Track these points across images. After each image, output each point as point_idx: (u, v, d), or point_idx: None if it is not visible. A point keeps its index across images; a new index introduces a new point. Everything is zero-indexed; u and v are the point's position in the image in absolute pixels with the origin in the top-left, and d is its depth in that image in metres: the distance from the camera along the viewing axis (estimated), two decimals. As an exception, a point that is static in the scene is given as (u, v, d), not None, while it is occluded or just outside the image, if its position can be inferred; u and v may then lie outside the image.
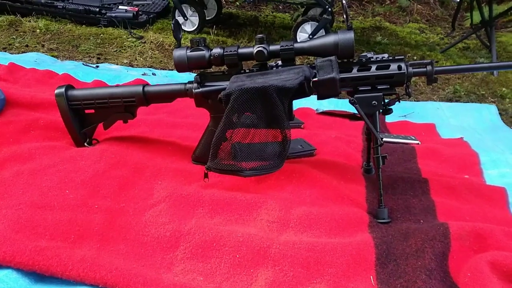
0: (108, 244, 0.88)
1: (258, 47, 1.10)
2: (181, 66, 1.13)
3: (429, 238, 0.94)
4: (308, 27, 2.53)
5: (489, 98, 2.22)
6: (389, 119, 1.74)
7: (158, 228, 0.93)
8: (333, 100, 1.97)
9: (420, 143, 1.53)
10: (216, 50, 1.12)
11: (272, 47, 1.11)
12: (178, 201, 1.02)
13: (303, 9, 2.89)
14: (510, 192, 1.22)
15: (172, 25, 1.08)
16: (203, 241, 0.90)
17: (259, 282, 0.83)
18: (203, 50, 1.12)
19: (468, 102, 2.16)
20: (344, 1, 1.17)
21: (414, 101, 2.13)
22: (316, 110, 1.76)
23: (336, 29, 1.96)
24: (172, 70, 2.37)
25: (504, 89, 2.27)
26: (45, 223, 0.88)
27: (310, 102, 1.88)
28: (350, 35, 1.05)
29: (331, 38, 1.07)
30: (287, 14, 3.34)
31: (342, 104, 1.92)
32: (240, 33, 2.85)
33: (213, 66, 1.16)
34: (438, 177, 1.25)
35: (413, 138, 1.56)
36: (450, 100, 2.19)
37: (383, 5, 3.42)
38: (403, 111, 1.92)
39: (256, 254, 0.88)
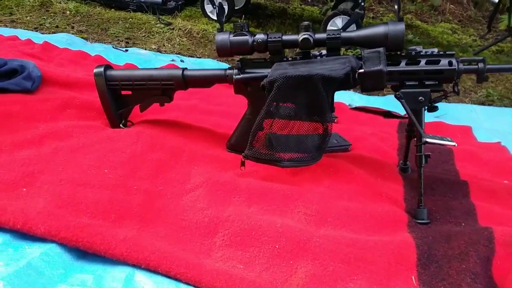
0: (147, 226, 0.88)
1: (304, 34, 1.07)
2: (223, 50, 1.11)
3: (473, 241, 0.91)
4: (339, 21, 2.48)
5: (523, 103, 2.15)
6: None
7: (196, 213, 0.92)
8: (364, 96, 1.94)
9: (456, 145, 1.49)
10: (260, 36, 1.10)
11: (318, 35, 1.08)
12: (215, 188, 1.01)
13: (332, 3, 2.84)
14: (552, 199, 1.17)
15: (217, 8, 1.06)
16: (241, 229, 0.89)
17: (298, 274, 0.81)
18: (247, 35, 1.10)
19: (501, 106, 2.10)
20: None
21: (446, 102, 2.08)
22: (349, 105, 1.72)
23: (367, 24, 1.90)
24: (200, 58, 2.35)
25: (539, 94, 2.20)
26: (86, 201, 0.87)
27: (341, 96, 1.84)
28: (401, 26, 1.02)
29: (381, 29, 1.03)
30: (315, 7, 3.29)
31: (374, 101, 1.88)
32: (268, 24, 2.81)
33: (255, 53, 1.14)
34: (477, 180, 1.21)
35: (450, 139, 1.51)
36: (483, 104, 2.13)
37: (415, 3, 3.34)
38: (436, 112, 1.87)
39: (295, 246, 0.86)
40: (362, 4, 2.40)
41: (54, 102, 1.27)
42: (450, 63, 1.03)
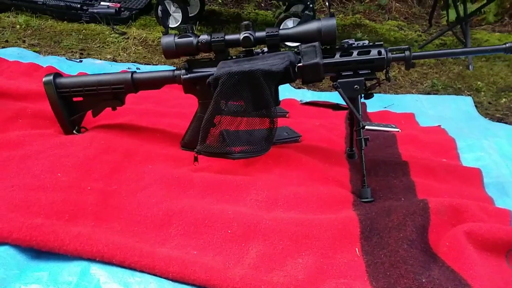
0: (102, 222, 0.90)
1: (245, 33, 1.13)
2: (170, 52, 1.16)
3: (410, 212, 1.00)
4: (290, 23, 2.58)
5: (465, 91, 2.30)
6: (370, 109, 1.80)
7: (150, 208, 0.95)
8: (315, 92, 2.03)
9: (400, 130, 1.60)
10: (204, 37, 1.15)
11: (258, 34, 1.15)
12: (169, 183, 1.05)
13: (285, 6, 2.94)
14: (485, 173, 1.28)
15: (160, 12, 1.11)
16: (195, 219, 0.93)
17: (250, 254, 0.87)
18: (191, 37, 1.15)
19: (446, 95, 2.24)
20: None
21: (394, 94, 2.20)
22: (300, 101, 1.80)
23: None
24: (156, 65, 2.38)
25: (479, 82, 2.36)
26: (39, 203, 0.89)
27: (294, 94, 1.93)
28: (333, 21, 1.10)
29: (314, 25, 1.11)
30: (269, 11, 3.39)
31: (325, 96, 1.97)
32: (223, 30, 2.87)
33: (200, 53, 1.19)
34: (417, 160, 1.31)
35: (394, 126, 1.63)
36: (428, 94, 2.27)
37: (363, 3, 3.50)
38: (384, 103, 1.98)
39: (246, 229, 0.92)
40: (312, 6, 2.51)
41: (4, 114, 1.27)
42: (379, 53, 1.12)
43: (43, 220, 0.84)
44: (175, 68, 1.22)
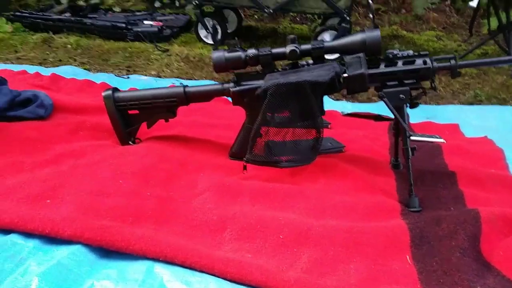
0: (162, 226, 0.96)
1: (291, 46, 1.18)
2: (219, 66, 1.22)
3: (461, 221, 0.99)
4: (327, 36, 2.61)
5: (510, 101, 2.24)
6: (413, 120, 1.79)
7: (205, 213, 1.00)
8: (355, 104, 2.05)
9: (445, 141, 1.58)
10: (251, 51, 1.21)
11: (303, 46, 1.19)
12: (221, 191, 1.10)
13: (320, 20, 2.99)
14: (536, 183, 1.25)
15: (211, 28, 1.17)
16: (248, 224, 0.97)
17: (302, 259, 0.89)
18: (239, 51, 1.21)
19: (490, 105, 2.19)
20: (370, 1, 1.24)
21: (436, 104, 2.18)
22: (342, 112, 1.82)
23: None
24: (197, 80, 2.47)
25: (525, 92, 2.29)
26: (104, 207, 0.96)
27: (334, 105, 1.95)
28: (377, 32, 1.13)
29: (358, 36, 1.15)
30: (304, 25, 3.44)
31: (365, 107, 1.98)
32: (261, 45, 2.95)
33: (248, 66, 1.25)
34: (465, 170, 1.30)
35: (438, 136, 1.61)
36: (471, 104, 2.22)
37: (399, 14, 3.49)
38: (426, 114, 1.96)
39: (298, 235, 0.95)
40: (348, 19, 2.54)
41: (66, 126, 1.37)
42: (424, 62, 1.13)
43: (110, 223, 0.91)
44: (224, 82, 1.28)
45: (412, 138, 1.17)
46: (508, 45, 2.48)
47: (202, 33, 2.80)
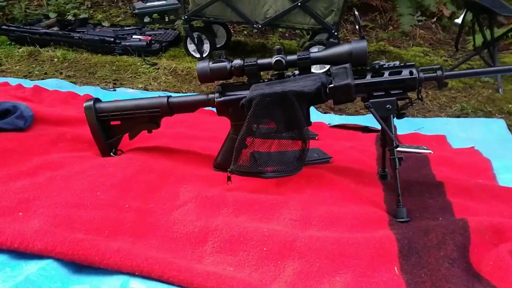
0: (140, 239, 0.92)
1: (277, 57, 1.17)
2: (204, 77, 1.20)
3: (449, 231, 0.97)
4: (315, 51, 2.63)
5: (496, 114, 2.26)
6: (400, 131, 1.79)
7: (186, 225, 0.97)
8: (343, 116, 2.04)
9: (432, 152, 1.57)
10: (237, 61, 1.19)
11: (289, 57, 1.18)
12: (204, 202, 1.06)
13: (309, 36, 3.01)
14: (525, 193, 1.24)
15: (195, 39, 1.15)
16: (230, 236, 0.93)
17: (287, 272, 0.86)
18: (225, 62, 1.19)
19: (475, 118, 2.20)
20: (356, 12, 1.24)
21: (423, 117, 2.18)
22: (329, 124, 1.81)
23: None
24: (185, 93, 2.45)
25: (510, 105, 2.31)
26: (80, 220, 0.92)
27: (322, 118, 1.94)
28: (363, 43, 1.12)
29: (345, 47, 1.14)
30: (293, 40, 3.46)
31: (352, 120, 1.97)
32: (250, 59, 2.95)
33: (233, 77, 1.23)
34: (452, 180, 1.29)
35: (425, 148, 1.61)
36: (458, 117, 2.23)
37: (386, 30, 3.54)
38: (413, 126, 1.96)
39: (282, 247, 0.91)
40: (336, 34, 2.56)
41: (46, 138, 1.33)
42: (411, 73, 1.13)
43: (84, 236, 0.87)
44: (209, 92, 1.26)
45: (399, 148, 1.15)
46: (493, 60, 2.52)
47: (191, 47, 2.80)
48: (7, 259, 0.83)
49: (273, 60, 1.18)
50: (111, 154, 1.29)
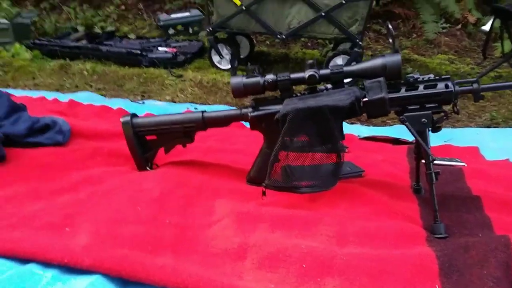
0: (181, 254, 0.94)
1: (310, 71, 1.17)
2: (238, 91, 1.22)
3: (491, 249, 0.95)
4: (339, 61, 2.63)
5: (527, 123, 2.21)
6: (431, 143, 1.76)
7: (225, 241, 0.98)
8: (370, 127, 2.03)
9: (466, 164, 1.55)
10: (270, 76, 1.20)
11: (322, 71, 1.18)
12: (240, 217, 1.07)
13: (331, 45, 3.01)
14: None
15: (230, 54, 1.17)
16: (269, 253, 0.94)
17: (328, 289, 0.86)
18: (258, 77, 1.21)
19: (507, 127, 2.16)
20: (389, 25, 1.24)
21: (452, 128, 2.15)
22: (358, 136, 1.81)
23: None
24: (211, 104, 2.48)
25: (541, 113, 2.26)
26: (123, 235, 0.95)
27: (349, 129, 1.93)
28: (397, 57, 1.12)
29: (379, 61, 1.14)
30: (316, 50, 3.47)
31: (380, 131, 1.96)
32: (273, 70, 2.97)
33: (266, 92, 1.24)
34: (489, 194, 1.26)
35: (459, 160, 1.58)
36: (488, 127, 2.19)
37: (410, 38, 3.51)
38: (443, 137, 1.93)
39: (321, 264, 0.91)
40: (360, 43, 2.55)
41: (84, 152, 1.37)
42: (446, 86, 1.12)
43: (128, 251, 0.89)
44: (242, 107, 1.28)
45: (435, 162, 1.14)
46: (523, 67, 2.47)
47: (216, 58, 2.83)
48: (58, 274, 0.86)
49: (306, 74, 1.19)
50: (147, 168, 1.32)
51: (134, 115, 1.32)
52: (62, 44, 3.05)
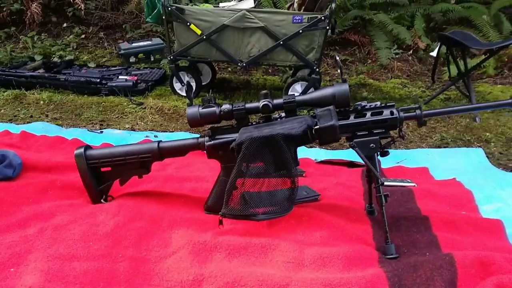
0: (135, 290, 0.92)
1: (264, 101, 1.21)
2: (194, 121, 1.24)
3: (437, 267, 1.00)
4: (298, 87, 2.71)
5: (475, 143, 2.34)
6: (384, 165, 1.84)
7: (180, 273, 0.97)
8: (328, 150, 2.09)
9: (416, 185, 1.62)
10: (226, 106, 1.23)
11: (276, 101, 1.23)
12: (196, 248, 1.07)
13: (291, 71, 3.10)
14: (506, 224, 1.29)
15: (185, 86, 1.20)
16: (225, 283, 0.94)
17: (282, 317, 0.87)
18: (214, 107, 1.23)
19: (456, 147, 2.28)
20: (337, 57, 1.31)
21: (405, 149, 2.25)
22: (315, 160, 1.85)
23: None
24: (172, 131, 2.47)
25: (487, 134, 2.40)
26: (74, 273, 0.92)
27: (308, 153, 1.98)
28: (345, 86, 1.18)
29: (328, 90, 1.20)
30: (276, 76, 3.56)
31: (338, 154, 2.02)
32: (234, 96, 3.02)
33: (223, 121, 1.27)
34: (437, 214, 1.33)
35: (409, 181, 1.65)
36: (439, 147, 2.31)
37: (365, 64, 3.68)
38: (396, 159, 2.02)
39: (276, 291, 0.92)
40: (318, 70, 2.65)
41: (36, 186, 1.33)
42: (391, 113, 1.19)
43: (79, 290, 0.87)
44: (198, 136, 1.29)
45: (385, 184, 1.19)
46: (468, 90, 2.63)
47: (177, 86, 2.85)
48: (0, 318, 0.82)
49: (260, 104, 1.22)
50: (102, 201, 1.29)
51: (88, 147, 1.30)
52: (17, 73, 2.97)
